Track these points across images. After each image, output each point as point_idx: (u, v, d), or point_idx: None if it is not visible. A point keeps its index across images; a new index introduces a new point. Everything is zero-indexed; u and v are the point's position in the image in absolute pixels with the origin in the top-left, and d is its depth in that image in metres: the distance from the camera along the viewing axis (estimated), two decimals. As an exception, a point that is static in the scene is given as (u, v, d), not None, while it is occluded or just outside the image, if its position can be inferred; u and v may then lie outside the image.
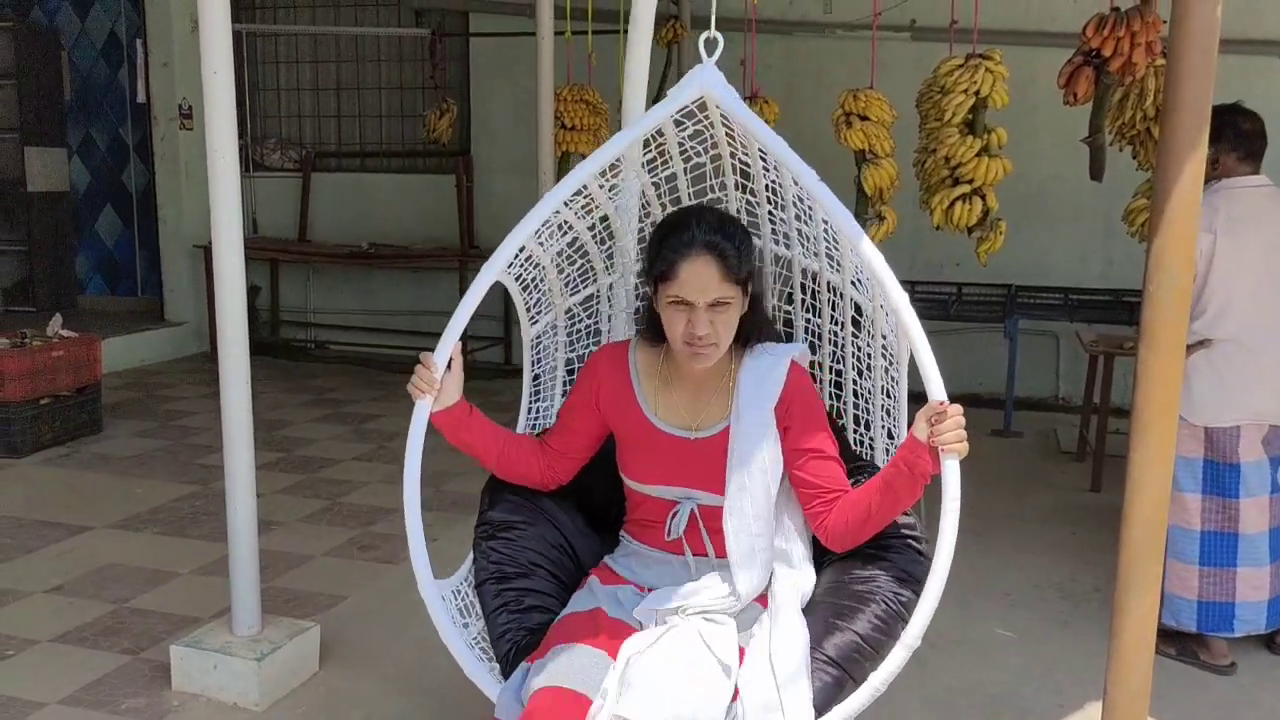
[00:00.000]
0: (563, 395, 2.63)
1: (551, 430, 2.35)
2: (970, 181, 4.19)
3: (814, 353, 2.58)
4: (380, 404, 6.69)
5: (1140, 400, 2.33)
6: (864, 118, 4.31)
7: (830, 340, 2.57)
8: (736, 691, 1.97)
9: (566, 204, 2.27)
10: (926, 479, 2.00)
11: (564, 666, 1.96)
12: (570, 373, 2.64)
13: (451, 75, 7.82)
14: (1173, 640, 3.47)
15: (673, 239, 2.06)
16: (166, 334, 8.07)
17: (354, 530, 4.47)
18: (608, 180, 2.35)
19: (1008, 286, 6.54)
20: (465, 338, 7.30)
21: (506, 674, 2.15)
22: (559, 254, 2.44)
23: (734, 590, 2.13)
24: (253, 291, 8.45)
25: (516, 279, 2.40)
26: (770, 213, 2.49)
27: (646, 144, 2.33)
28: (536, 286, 2.48)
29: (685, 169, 2.43)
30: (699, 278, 2.03)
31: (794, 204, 2.39)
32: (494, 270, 2.22)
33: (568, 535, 2.38)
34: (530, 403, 2.63)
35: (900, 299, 2.03)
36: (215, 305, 3.12)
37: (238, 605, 3.17)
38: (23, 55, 8.18)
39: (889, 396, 2.38)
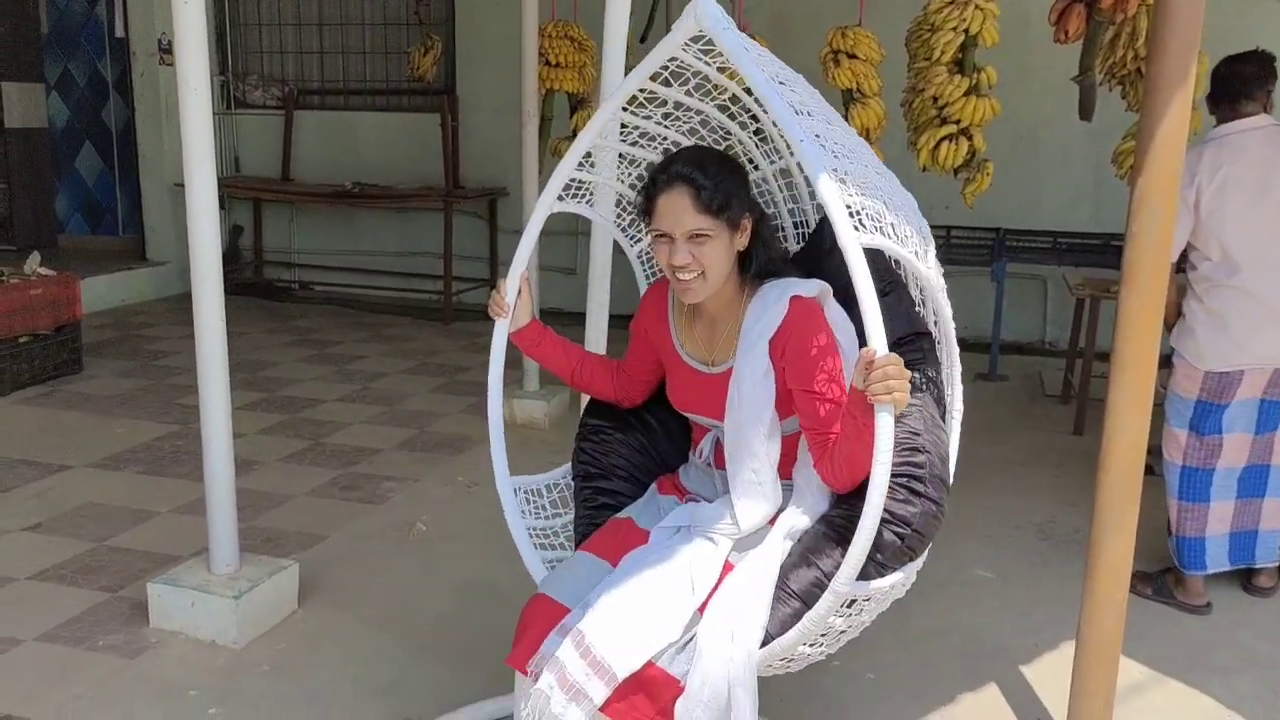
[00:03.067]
0: None
1: (627, 353, 2.51)
2: (957, 121, 4.15)
3: None
4: (365, 345, 6.66)
5: (1120, 341, 2.32)
6: (852, 56, 4.26)
7: None
8: (704, 608, 2.06)
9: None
10: (867, 426, 1.84)
11: (563, 575, 2.20)
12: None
13: (436, 11, 7.69)
14: (1149, 580, 3.49)
15: (654, 178, 2.14)
16: (148, 274, 8.00)
17: (336, 470, 4.46)
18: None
19: (996, 230, 6.50)
20: (452, 279, 7.26)
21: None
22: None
23: (734, 519, 2.16)
24: (235, 231, 8.38)
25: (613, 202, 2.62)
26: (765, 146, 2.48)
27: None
28: (627, 210, 2.66)
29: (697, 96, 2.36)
30: (673, 209, 2.09)
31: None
32: (559, 181, 2.40)
33: (655, 440, 2.54)
34: None
35: (850, 240, 1.77)
36: (189, 245, 3.07)
37: (215, 543, 3.16)
38: (-3, -13, 8.02)
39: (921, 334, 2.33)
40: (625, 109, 2.31)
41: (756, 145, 2.49)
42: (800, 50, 4.96)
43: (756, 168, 2.53)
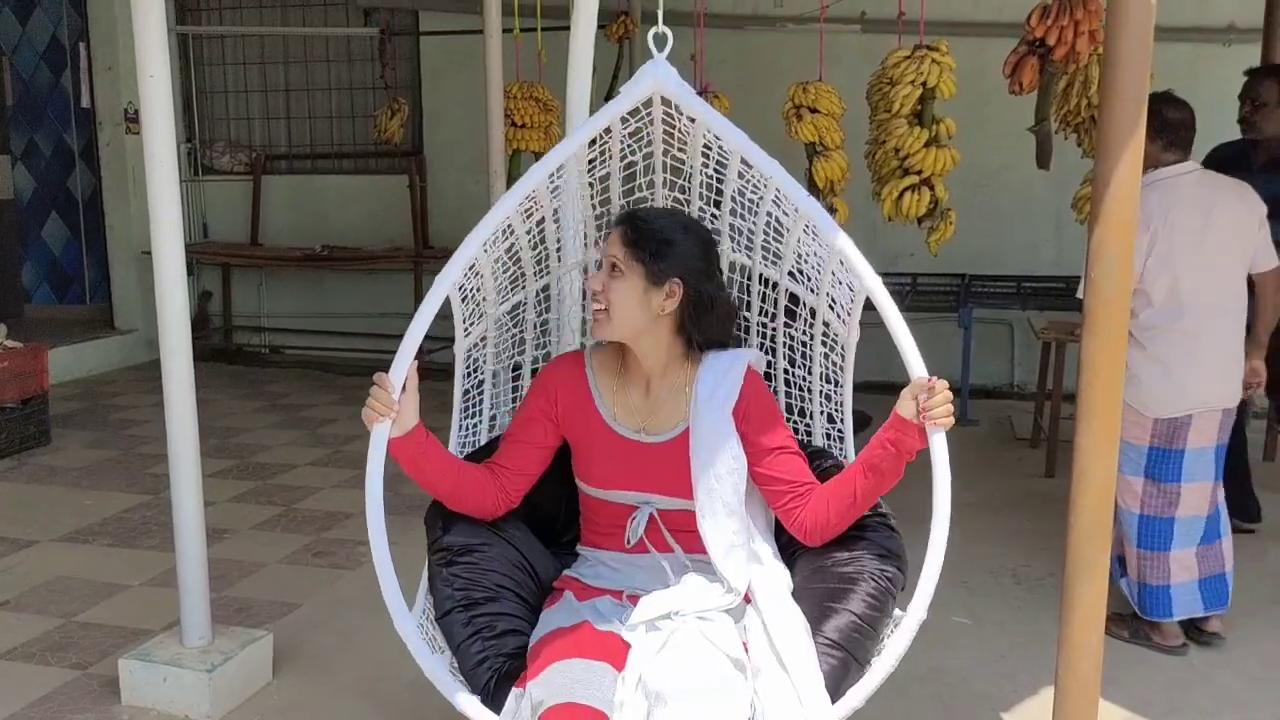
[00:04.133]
0: (492, 410, 2.58)
1: (501, 450, 2.26)
2: (919, 172, 4.21)
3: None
4: (336, 408, 6.63)
5: (1084, 386, 2.34)
6: (814, 110, 4.33)
7: (759, 332, 2.59)
8: None
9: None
10: (913, 456, 2.07)
11: (569, 682, 1.91)
12: (495, 385, 2.58)
13: (402, 75, 7.74)
14: (1126, 622, 3.50)
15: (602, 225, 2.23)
16: (116, 342, 7.95)
17: (309, 537, 4.41)
18: (553, 181, 2.33)
19: (961, 276, 6.58)
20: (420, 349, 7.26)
21: (490, 705, 2.04)
22: (496, 260, 2.40)
23: (729, 587, 2.14)
24: (204, 297, 8.36)
25: (459, 289, 2.31)
26: (701, 209, 2.50)
27: (591, 143, 2.30)
28: (472, 296, 2.39)
29: (620, 168, 2.41)
30: (609, 242, 2.16)
31: (732, 199, 2.40)
32: (448, 281, 2.16)
33: (526, 553, 2.29)
34: (462, 419, 2.51)
35: (874, 282, 2.10)
36: (157, 312, 3.06)
37: (187, 616, 3.12)
38: (-38, 61, 8.03)
39: (829, 382, 2.46)
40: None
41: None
42: (762, 105, 5.05)
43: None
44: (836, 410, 2.46)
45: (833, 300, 2.35)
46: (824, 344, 2.44)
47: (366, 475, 2.08)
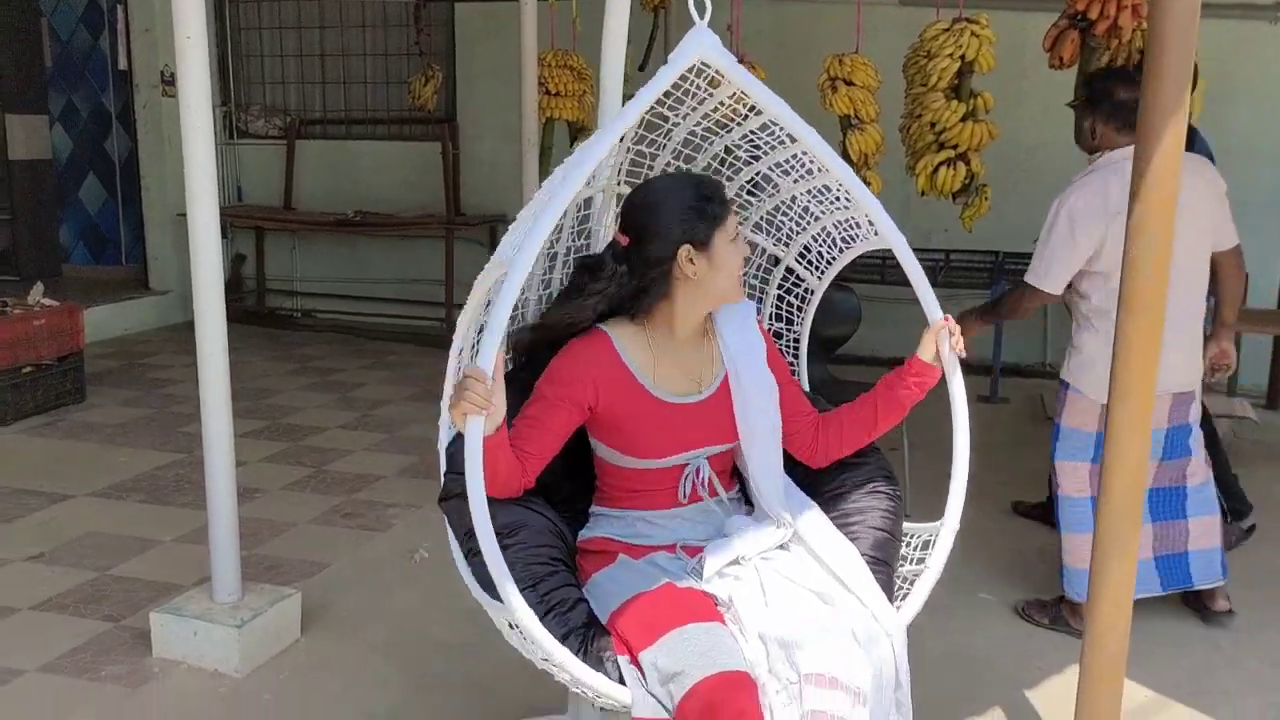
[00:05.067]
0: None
1: (522, 434, 2.14)
2: (955, 147, 4.18)
3: None
4: (367, 372, 6.67)
5: (1119, 366, 2.32)
6: (849, 83, 4.29)
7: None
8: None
9: None
10: (929, 389, 2.35)
11: (702, 650, 1.90)
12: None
13: (437, 41, 7.74)
14: (1045, 608, 3.47)
15: (714, 195, 2.18)
16: (151, 303, 8.03)
17: (338, 498, 4.46)
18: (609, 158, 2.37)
19: (995, 253, 6.52)
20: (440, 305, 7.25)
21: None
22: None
23: (780, 521, 2.23)
24: (238, 260, 8.42)
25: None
26: (670, 161, 2.51)
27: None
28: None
29: (669, 139, 2.42)
30: (734, 224, 2.20)
31: (714, 157, 2.45)
32: (526, 262, 1.89)
33: (553, 520, 2.26)
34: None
35: (898, 239, 2.29)
36: (192, 273, 3.08)
37: (218, 572, 3.16)
38: (1, 22, 8.08)
39: (781, 320, 2.76)
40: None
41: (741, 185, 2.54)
42: (798, 77, 5.00)
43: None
44: (788, 348, 2.73)
45: (806, 250, 2.60)
46: (780, 287, 2.70)
47: (468, 478, 1.86)
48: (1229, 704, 2.99)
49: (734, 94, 2.16)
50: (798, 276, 2.68)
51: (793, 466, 2.40)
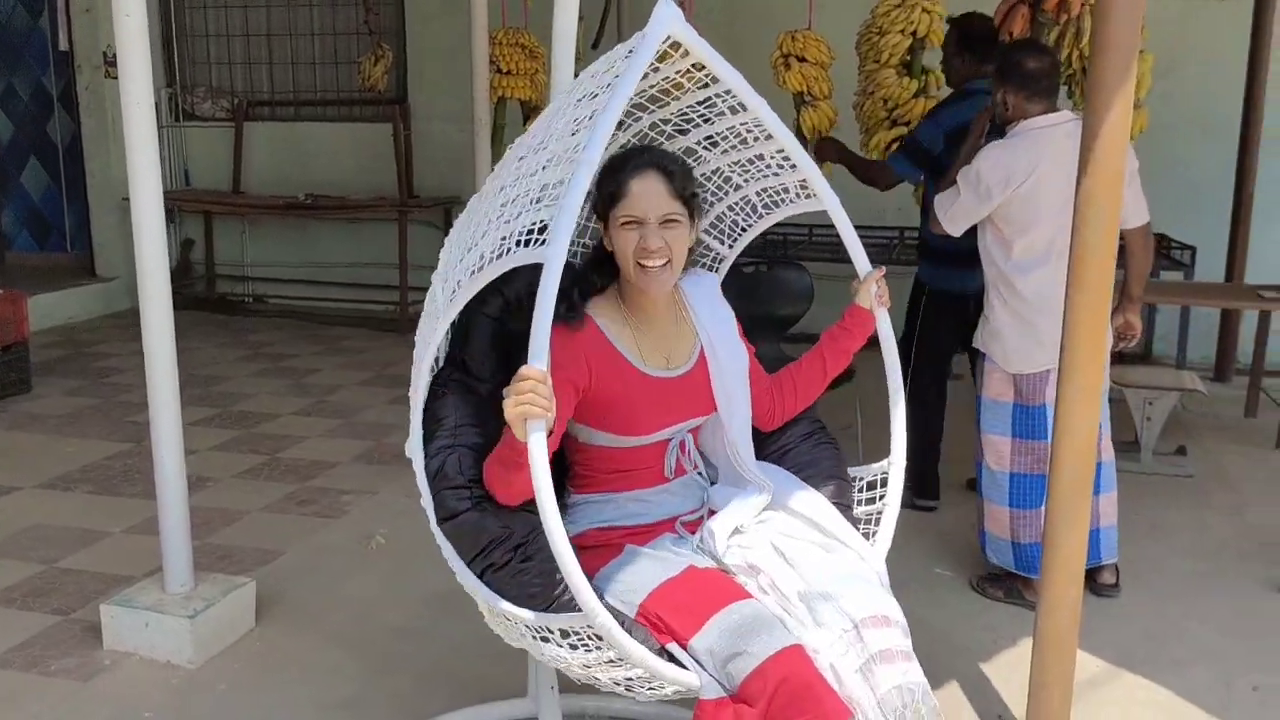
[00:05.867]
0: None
1: None
2: (907, 123, 4.19)
3: None
4: (320, 358, 6.60)
5: (1068, 340, 2.34)
6: (802, 59, 4.29)
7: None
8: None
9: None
10: (869, 334, 2.47)
11: (750, 629, 1.91)
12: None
13: (386, 20, 7.64)
14: (1000, 582, 3.51)
15: (620, 166, 2.13)
16: (97, 290, 7.88)
17: (292, 485, 4.41)
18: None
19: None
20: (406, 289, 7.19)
21: None
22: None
23: (762, 485, 2.27)
24: (186, 245, 8.28)
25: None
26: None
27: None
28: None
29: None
30: (649, 193, 2.11)
31: (638, 135, 2.40)
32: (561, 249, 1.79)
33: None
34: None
35: (833, 202, 2.33)
36: (136, 260, 3.02)
37: (169, 563, 3.11)
38: (-64, 1, 7.88)
39: None
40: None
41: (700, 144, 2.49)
42: (750, 53, 4.99)
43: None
44: None
45: (718, 220, 2.57)
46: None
47: (535, 485, 1.74)
48: (1179, 673, 3.04)
49: (681, 69, 2.14)
50: (706, 246, 2.65)
51: None
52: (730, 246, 2.65)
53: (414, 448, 2.19)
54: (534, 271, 2.27)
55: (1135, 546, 3.77)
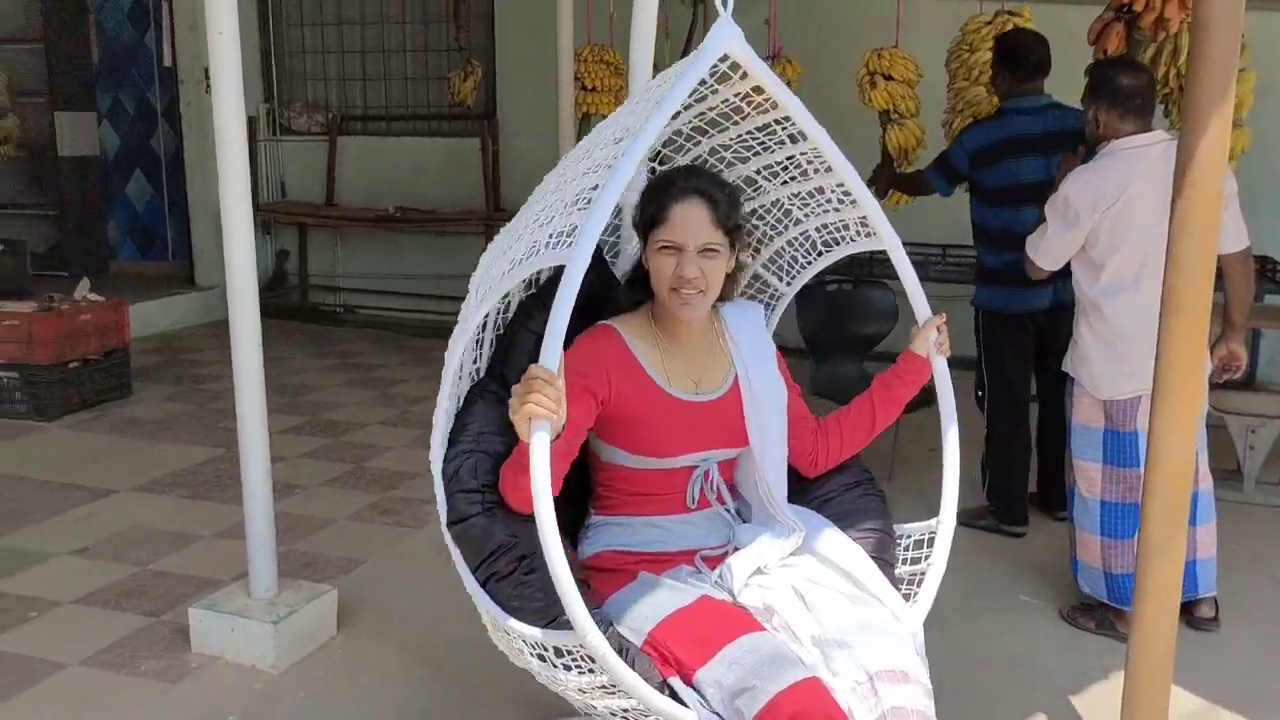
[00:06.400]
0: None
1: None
2: (998, 140, 4.10)
3: None
4: (406, 368, 6.70)
5: (1162, 368, 2.27)
6: (888, 77, 4.24)
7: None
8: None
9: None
10: (924, 384, 2.37)
11: (763, 661, 1.84)
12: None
13: (476, 37, 7.74)
14: (1092, 613, 3.39)
15: (665, 188, 2.12)
16: (196, 298, 8.11)
17: (376, 495, 4.48)
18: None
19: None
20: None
21: None
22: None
23: (791, 526, 2.21)
24: (281, 256, 8.49)
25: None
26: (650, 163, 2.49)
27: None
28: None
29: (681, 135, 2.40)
30: (689, 220, 2.08)
31: (696, 159, 2.39)
32: (581, 264, 1.77)
33: (569, 548, 2.21)
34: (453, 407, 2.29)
35: (893, 241, 2.29)
36: (226, 271, 3.10)
37: (254, 568, 3.18)
38: (50, 19, 8.19)
39: None
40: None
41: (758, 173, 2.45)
42: (837, 72, 4.96)
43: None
44: None
45: (777, 255, 2.54)
46: (743, 294, 2.57)
47: (534, 489, 1.72)
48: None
49: (739, 92, 2.12)
50: (764, 283, 2.62)
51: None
52: (788, 284, 2.60)
53: (435, 451, 2.20)
54: (583, 291, 2.28)
55: (1236, 579, 3.63)
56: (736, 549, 2.17)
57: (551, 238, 1.87)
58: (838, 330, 4.41)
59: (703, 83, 2.11)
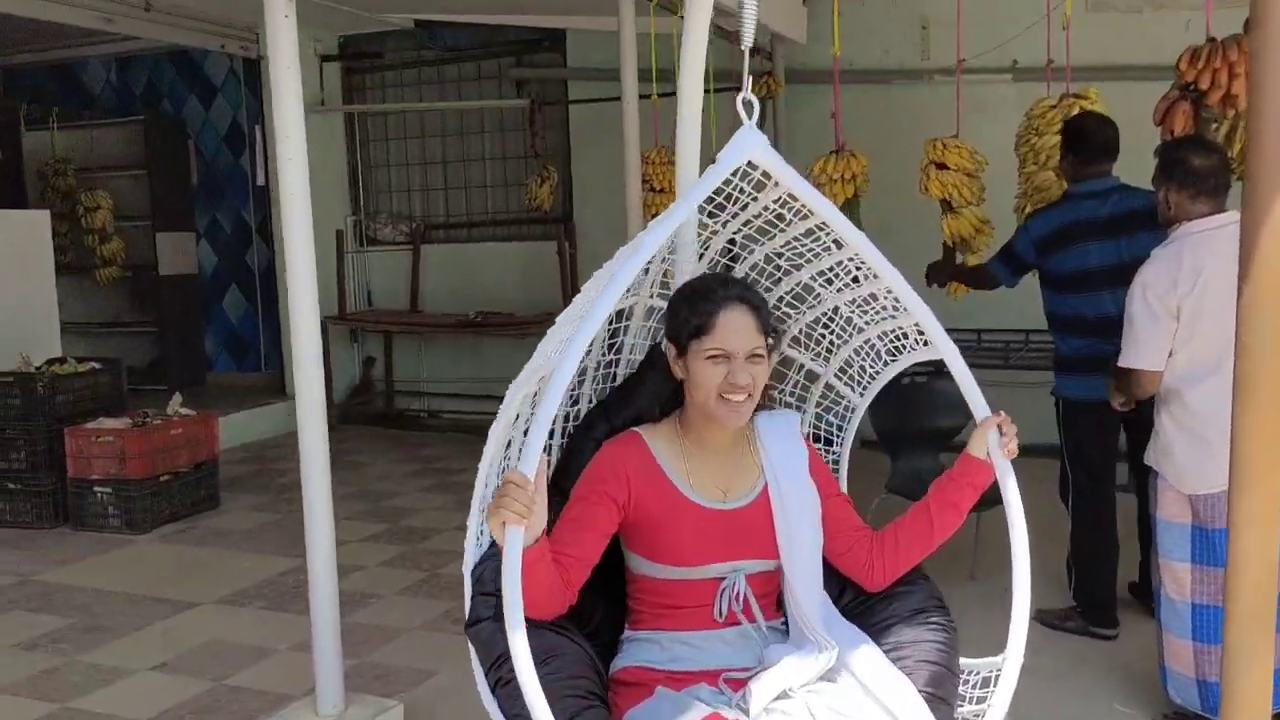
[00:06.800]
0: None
1: (563, 537, 2.05)
2: (1068, 225, 4.01)
3: None
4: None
5: (1238, 460, 2.14)
6: (942, 166, 4.20)
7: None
8: None
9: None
10: (980, 492, 2.20)
11: None
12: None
13: (552, 143, 7.93)
14: None
15: (704, 296, 2.11)
16: (285, 407, 8.26)
17: (450, 603, 4.46)
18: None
19: (1024, 332, 6.15)
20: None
21: None
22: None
23: (823, 647, 2.09)
24: (368, 363, 8.68)
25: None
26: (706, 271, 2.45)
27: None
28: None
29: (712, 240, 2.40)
30: (738, 327, 2.07)
31: (753, 266, 2.39)
32: (564, 383, 1.84)
33: (586, 648, 2.12)
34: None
35: (949, 347, 2.15)
36: (294, 383, 3.16)
37: (321, 685, 3.18)
38: (153, 146, 8.63)
39: (819, 442, 2.59)
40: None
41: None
42: (905, 163, 4.92)
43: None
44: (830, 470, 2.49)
45: (846, 365, 2.47)
46: (819, 405, 2.57)
47: (505, 594, 1.74)
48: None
49: (779, 198, 2.11)
50: (837, 394, 2.55)
51: (839, 597, 2.28)
52: (861, 394, 2.53)
53: (468, 554, 2.19)
54: (648, 400, 2.27)
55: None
56: (767, 669, 2.07)
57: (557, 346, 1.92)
58: (911, 425, 4.31)
59: (742, 190, 2.12)
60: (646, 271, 2.33)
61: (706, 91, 4.87)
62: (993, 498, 2.34)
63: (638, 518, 2.12)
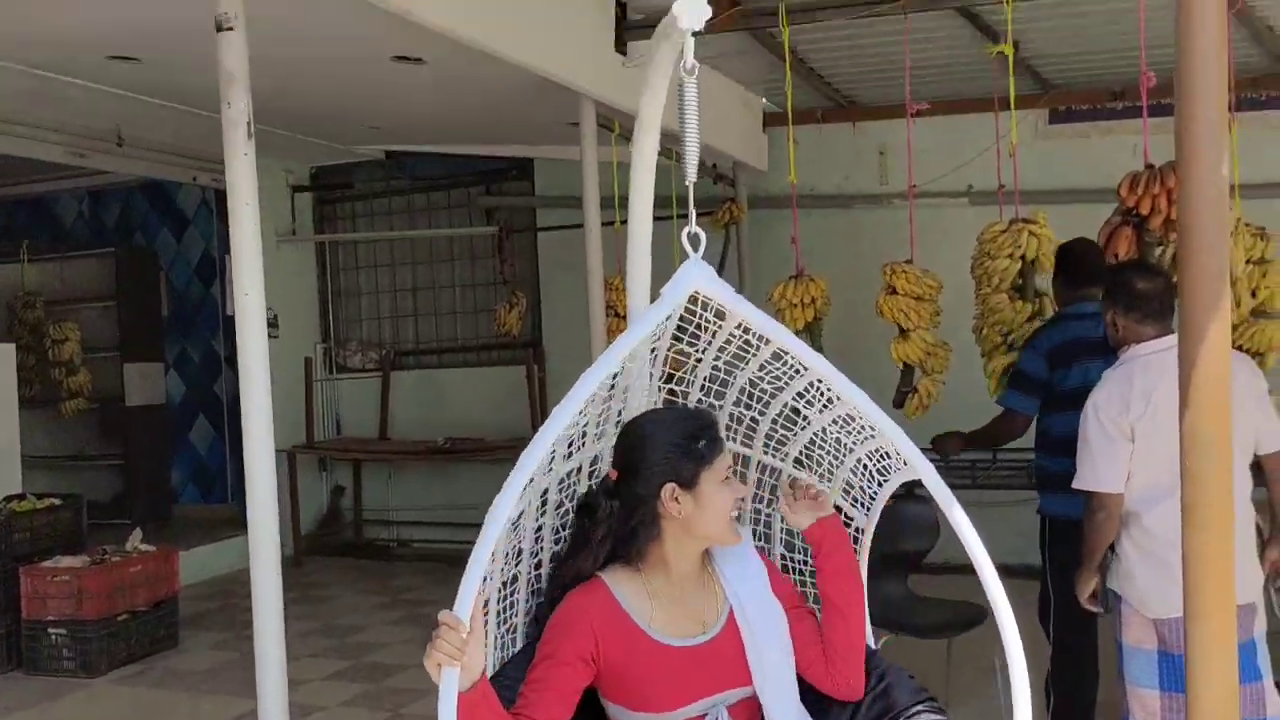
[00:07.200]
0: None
1: (530, 700, 2.01)
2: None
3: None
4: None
5: (1189, 586, 2.13)
6: (892, 290, 4.27)
7: (751, 519, 2.54)
8: None
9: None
10: (841, 547, 2.25)
11: None
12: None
13: (521, 269, 8.00)
14: None
15: (703, 426, 2.17)
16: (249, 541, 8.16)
17: (412, 743, 4.34)
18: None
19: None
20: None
21: None
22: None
23: None
24: (337, 492, 8.58)
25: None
26: (701, 399, 2.45)
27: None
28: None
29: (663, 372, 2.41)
30: (726, 459, 2.17)
31: (741, 390, 2.38)
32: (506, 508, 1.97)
33: None
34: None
35: (924, 465, 2.07)
36: (248, 519, 3.13)
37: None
38: (123, 278, 8.67)
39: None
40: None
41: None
42: (869, 283, 5.00)
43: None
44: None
45: (849, 486, 2.40)
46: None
47: None
48: None
49: (739, 324, 2.13)
50: (846, 515, 2.48)
51: (825, 712, 2.22)
52: (866, 514, 2.45)
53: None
54: (588, 561, 2.24)
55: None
56: None
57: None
58: (877, 549, 4.26)
59: (707, 320, 2.14)
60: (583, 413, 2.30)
61: (669, 217, 4.99)
62: (968, 619, 2.29)
63: (609, 668, 2.08)
